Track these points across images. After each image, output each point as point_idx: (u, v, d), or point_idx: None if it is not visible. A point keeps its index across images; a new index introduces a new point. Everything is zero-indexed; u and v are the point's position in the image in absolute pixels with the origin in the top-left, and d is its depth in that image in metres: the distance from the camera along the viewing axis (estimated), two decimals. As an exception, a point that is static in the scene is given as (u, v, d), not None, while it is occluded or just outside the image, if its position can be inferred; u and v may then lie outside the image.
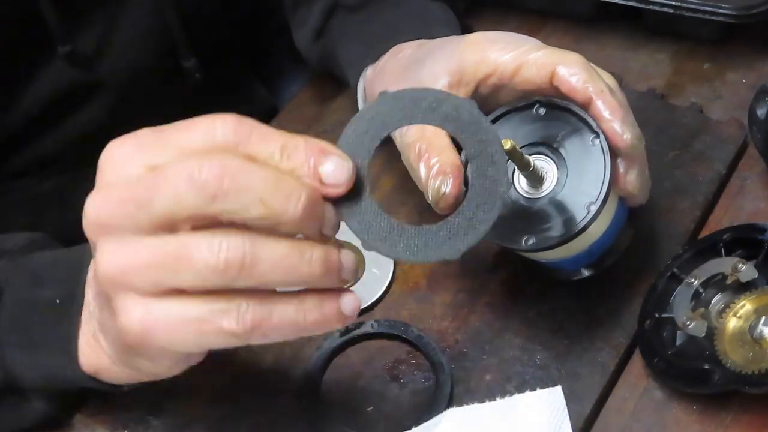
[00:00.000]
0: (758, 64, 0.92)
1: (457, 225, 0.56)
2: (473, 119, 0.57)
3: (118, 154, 0.56)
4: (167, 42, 0.90)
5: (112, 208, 0.54)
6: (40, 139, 0.89)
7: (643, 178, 0.70)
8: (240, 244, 0.52)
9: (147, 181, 0.53)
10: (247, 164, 0.52)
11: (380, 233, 0.56)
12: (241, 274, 0.52)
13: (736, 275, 0.71)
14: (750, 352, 0.67)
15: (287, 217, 0.53)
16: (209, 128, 0.54)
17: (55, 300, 0.65)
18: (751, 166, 0.84)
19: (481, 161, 0.56)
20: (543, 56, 0.69)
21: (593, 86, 0.68)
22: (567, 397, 0.68)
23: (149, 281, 0.53)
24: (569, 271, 0.75)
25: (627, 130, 0.67)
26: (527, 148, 0.70)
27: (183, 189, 0.52)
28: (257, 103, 1.06)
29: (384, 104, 0.57)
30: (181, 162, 0.52)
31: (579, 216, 0.67)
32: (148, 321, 0.54)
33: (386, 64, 0.80)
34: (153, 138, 0.55)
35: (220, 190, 0.52)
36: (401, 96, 0.57)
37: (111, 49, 0.87)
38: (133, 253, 0.53)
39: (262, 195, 0.52)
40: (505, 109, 0.71)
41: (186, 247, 0.52)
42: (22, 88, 0.85)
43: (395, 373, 0.75)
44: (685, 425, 0.70)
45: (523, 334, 0.76)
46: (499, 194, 0.56)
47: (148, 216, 0.53)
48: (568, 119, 0.69)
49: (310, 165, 0.54)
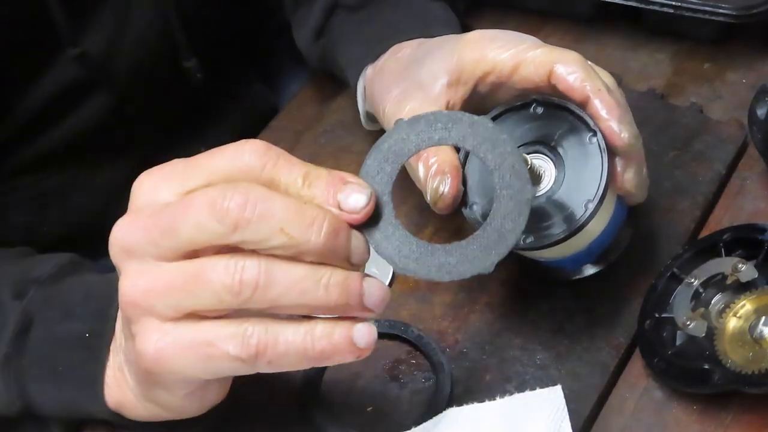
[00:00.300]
0: (758, 64, 0.92)
1: (486, 238, 0.57)
2: (489, 134, 0.58)
3: (147, 181, 0.56)
4: (168, 42, 0.90)
5: (137, 234, 0.55)
6: (41, 137, 0.89)
7: (640, 176, 0.70)
8: (255, 265, 0.53)
9: (172, 208, 0.54)
10: (269, 193, 0.53)
11: (411, 255, 0.56)
12: (256, 295, 0.53)
13: (736, 275, 0.71)
14: (750, 352, 0.67)
15: (309, 246, 0.53)
16: (237, 153, 0.54)
17: (85, 334, 0.65)
18: (751, 166, 0.84)
19: (502, 173, 0.57)
20: (541, 54, 0.69)
21: (591, 85, 0.68)
22: (567, 397, 0.68)
23: (169, 305, 0.54)
24: (569, 270, 0.75)
25: (624, 129, 0.67)
26: (525, 147, 0.70)
27: (205, 217, 0.52)
28: (258, 103, 1.06)
29: (400, 131, 0.58)
30: (205, 191, 0.53)
31: (577, 214, 0.67)
32: (162, 345, 0.55)
33: (385, 63, 0.80)
34: (183, 165, 0.56)
35: (242, 219, 0.52)
36: (416, 121, 0.58)
37: (117, 48, 0.87)
38: (154, 278, 0.54)
39: (283, 224, 0.53)
40: (503, 108, 0.72)
41: (203, 268, 0.53)
42: (27, 87, 0.85)
43: (395, 373, 0.75)
44: (685, 425, 0.70)
45: (523, 334, 0.76)
46: (524, 203, 0.56)
47: (172, 243, 0.54)
48: (566, 118, 0.69)
49: (329, 192, 0.54)
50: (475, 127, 0.58)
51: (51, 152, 0.90)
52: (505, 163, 0.57)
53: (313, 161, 0.89)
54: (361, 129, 0.89)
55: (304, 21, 0.91)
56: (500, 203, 0.57)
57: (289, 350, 0.54)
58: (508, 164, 0.57)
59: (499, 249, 0.56)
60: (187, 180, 0.55)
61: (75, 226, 0.95)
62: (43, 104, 0.86)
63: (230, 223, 0.52)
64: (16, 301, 0.67)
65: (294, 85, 1.06)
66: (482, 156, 0.58)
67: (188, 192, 0.55)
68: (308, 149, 0.91)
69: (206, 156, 0.56)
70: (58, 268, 0.69)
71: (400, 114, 0.74)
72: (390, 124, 0.75)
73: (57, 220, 0.94)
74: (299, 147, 0.91)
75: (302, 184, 0.55)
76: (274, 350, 0.54)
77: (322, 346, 0.55)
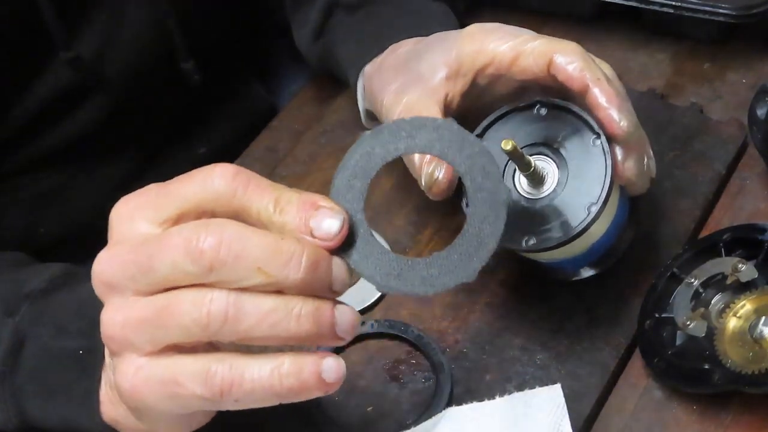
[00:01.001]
0: (758, 64, 0.92)
1: (466, 245, 0.55)
2: (456, 136, 0.56)
3: (124, 210, 0.56)
4: (166, 43, 0.90)
5: (116, 269, 0.54)
6: (38, 139, 0.89)
7: (641, 165, 0.70)
8: (224, 297, 0.52)
9: (149, 246, 0.53)
10: (244, 231, 0.52)
11: (392, 272, 0.55)
12: (225, 328, 0.52)
13: (736, 275, 0.71)
14: (750, 352, 0.67)
15: (288, 283, 0.52)
16: (207, 179, 0.54)
17: (78, 351, 0.64)
18: (751, 166, 0.84)
19: (474, 175, 0.55)
20: (540, 45, 0.69)
21: (590, 74, 0.67)
22: (567, 397, 0.68)
23: (144, 339, 0.54)
24: (569, 271, 0.75)
25: (624, 118, 0.67)
26: (528, 148, 0.70)
27: (181, 258, 0.52)
28: (256, 104, 1.06)
29: (364, 145, 0.56)
30: (180, 229, 0.53)
31: (580, 217, 0.67)
32: (136, 381, 0.54)
33: (384, 60, 0.80)
34: (156, 192, 0.55)
35: (216, 260, 0.51)
36: (379, 132, 0.56)
37: (111, 51, 0.87)
38: (130, 312, 0.54)
39: (260, 263, 0.52)
40: (506, 109, 0.71)
41: (173, 301, 0.53)
42: (22, 90, 0.85)
43: (395, 373, 0.75)
44: (685, 425, 0.70)
45: (523, 334, 0.76)
46: (500, 204, 0.55)
47: (149, 280, 0.53)
48: (569, 120, 0.69)
49: (301, 219, 0.53)
50: (441, 131, 0.56)
51: (49, 153, 0.90)
52: (476, 165, 0.55)
53: (313, 161, 0.90)
54: (361, 129, 0.89)
55: (303, 21, 0.91)
56: (476, 207, 0.55)
57: (255, 388, 0.53)
58: (479, 166, 0.55)
59: (480, 255, 0.54)
60: (161, 209, 0.54)
61: (73, 226, 0.95)
62: (40, 107, 0.86)
63: (205, 265, 0.51)
64: (9, 319, 0.66)
65: (294, 85, 1.06)
66: (450, 160, 0.56)
67: (163, 222, 0.54)
68: (308, 149, 0.91)
69: (178, 182, 0.55)
70: (49, 282, 0.68)
71: (399, 106, 0.73)
72: (388, 116, 0.75)
73: (55, 220, 0.94)
74: (299, 147, 0.91)
75: (273, 210, 0.53)
76: (239, 389, 0.53)
77: (289, 384, 0.53)
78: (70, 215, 0.94)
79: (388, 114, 0.75)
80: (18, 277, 0.70)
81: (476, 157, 0.55)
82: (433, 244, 0.82)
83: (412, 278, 0.55)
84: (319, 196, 0.54)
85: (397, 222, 0.84)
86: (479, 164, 0.55)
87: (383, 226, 0.84)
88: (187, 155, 1.00)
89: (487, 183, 0.55)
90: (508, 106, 0.71)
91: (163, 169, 0.98)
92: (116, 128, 0.91)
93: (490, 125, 0.71)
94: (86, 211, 0.94)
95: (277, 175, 0.89)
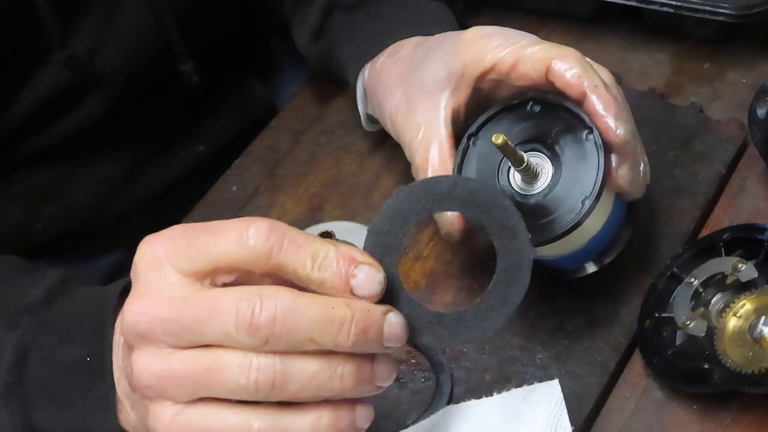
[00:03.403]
0: (758, 64, 0.92)
1: (493, 300, 0.58)
2: (489, 197, 0.58)
3: (150, 255, 0.55)
4: (163, 45, 0.89)
5: (154, 323, 0.54)
6: (36, 136, 0.89)
7: (635, 173, 0.70)
8: (271, 365, 0.53)
9: (194, 308, 0.53)
10: (297, 304, 0.53)
11: (423, 325, 0.57)
12: (272, 394, 0.53)
13: (736, 275, 0.71)
14: (750, 351, 0.67)
15: (339, 349, 0.53)
16: (241, 235, 0.54)
17: (86, 358, 0.64)
18: (751, 166, 0.84)
19: (503, 236, 0.58)
20: (539, 51, 0.69)
21: (588, 81, 0.68)
22: (567, 397, 0.68)
23: (183, 392, 0.54)
24: (568, 269, 0.75)
25: (620, 125, 0.68)
26: (522, 145, 0.70)
27: (233, 329, 0.52)
28: (256, 103, 1.06)
29: (399, 201, 0.58)
30: (230, 298, 0.53)
31: (574, 211, 0.68)
32: (173, 426, 0.55)
33: (383, 65, 0.80)
34: (185, 242, 0.55)
35: (272, 336, 0.52)
36: (412, 189, 0.58)
37: (107, 48, 0.87)
38: (168, 365, 0.54)
39: (312, 334, 0.53)
40: (499, 107, 0.72)
41: (218, 364, 0.53)
42: (20, 89, 0.85)
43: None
44: (685, 425, 0.70)
45: (523, 334, 0.76)
46: (526, 265, 0.57)
47: (191, 338, 0.53)
48: (562, 116, 0.70)
49: (341, 278, 0.54)
50: (475, 194, 0.58)
51: (45, 150, 0.90)
52: (506, 225, 0.58)
53: (313, 161, 0.90)
54: (361, 129, 0.89)
55: (302, 20, 0.91)
56: (503, 267, 0.58)
57: None
58: (509, 226, 0.58)
59: (506, 310, 0.58)
60: (193, 261, 0.54)
61: (71, 222, 0.95)
62: (37, 105, 0.86)
63: (261, 339, 0.52)
64: (11, 332, 0.65)
65: (294, 85, 1.06)
66: (483, 222, 0.58)
67: (195, 274, 0.54)
68: (308, 149, 0.91)
69: (210, 234, 0.54)
70: (48, 291, 0.68)
71: (411, 129, 0.74)
72: (400, 136, 0.76)
73: (51, 216, 0.94)
74: (299, 147, 0.91)
75: (311, 267, 0.54)
76: None
77: None
78: (67, 211, 0.94)
79: (399, 133, 0.76)
80: (17, 288, 0.69)
81: (507, 218, 0.58)
82: (433, 244, 0.82)
83: (441, 332, 0.57)
84: (356, 251, 0.55)
85: (397, 222, 0.84)
86: (509, 225, 0.58)
87: (383, 226, 0.84)
88: (186, 153, 1.00)
89: (515, 243, 0.58)
90: (501, 104, 0.72)
91: (162, 166, 0.98)
92: (114, 125, 0.91)
93: (484, 123, 0.72)
94: (84, 208, 0.94)
95: (277, 175, 0.89)
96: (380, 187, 0.87)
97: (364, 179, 0.88)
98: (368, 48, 0.83)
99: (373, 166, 0.89)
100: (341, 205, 0.86)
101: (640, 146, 0.71)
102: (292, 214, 0.86)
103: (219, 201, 0.88)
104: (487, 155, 0.71)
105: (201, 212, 0.87)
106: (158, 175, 0.98)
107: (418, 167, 0.73)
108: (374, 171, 0.88)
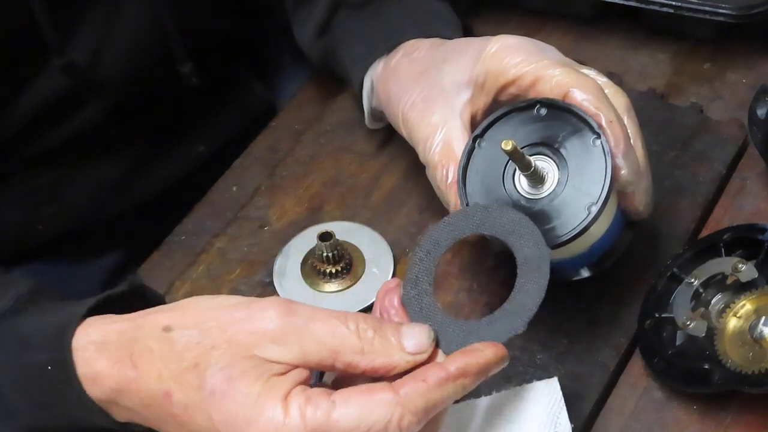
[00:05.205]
0: (758, 64, 0.92)
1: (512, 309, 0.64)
2: (515, 224, 0.65)
3: None
4: (163, 43, 0.89)
5: None
6: (36, 140, 0.89)
7: (648, 197, 0.72)
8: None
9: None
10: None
11: (457, 340, 0.63)
12: None
13: (736, 275, 0.71)
14: (750, 352, 0.67)
15: None
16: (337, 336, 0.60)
17: (47, 366, 0.63)
18: (751, 166, 0.84)
19: (528, 268, 0.63)
20: (560, 75, 0.71)
21: (604, 115, 0.69)
22: (567, 397, 0.68)
23: None
24: (569, 271, 0.75)
25: (626, 166, 0.69)
26: (528, 148, 0.70)
27: None
28: (255, 103, 1.06)
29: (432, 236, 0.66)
30: None
31: (580, 217, 0.67)
32: None
33: (399, 63, 0.80)
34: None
35: None
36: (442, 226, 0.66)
37: (106, 53, 0.87)
38: None
39: None
40: (506, 109, 0.71)
41: None
42: (20, 94, 0.85)
43: (395, 373, 0.74)
44: (685, 425, 0.70)
45: (523, 334, 0.75)
46: (543, 283, 0.63)
47: None
48: (569, 120, 0.69)
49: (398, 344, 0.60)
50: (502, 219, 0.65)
51: (45, 152, 0.90)
52: (533, 260, 0.63)
53: (313, 161, 0.90)
54: (362, 129, 0.89)
55: (306, 18, 0.91)
56: (522, 280, 0.63)
57: None
58: (535, 263, 0.63)
59: (523, 316, 0.63)
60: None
61: (70, 223, 0.95)
62: (37, 110, 0.86)
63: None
64: None
65: (293, 85, 1.06)
66: (510, 243, 0.64)
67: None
68: (308, 149, 0.91)
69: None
70: (15, 301, 0.67)
71: (424, 125, 0.75)
72: (415, 136, 0.76)
73: (52, 217, 0.94)
74: (299, 147, 0.91)
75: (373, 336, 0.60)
76: None
77: None
78: (68, 212, 0.94)
79: (412, 130, 0.77)
80: None
81: (538, 253, 0.63)
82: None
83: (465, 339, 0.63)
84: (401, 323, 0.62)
85: (397, 222, 0.84)
86: (536, 262, 0.63)
87: (384, 225, 0.84)
88: (186, 153, 1.00)
89: (536, 275, 0.63)
90: (508, 106, 0.71)
91: (162, 166, 0.98)
92: (114, 127, 0.91)
93: (490, 125, 0.71)
94: (84, 208, 0.94)
95: (277, 175, 0.89)
96: (380, 187, 0.87)
97: (364, 179, 0.88)
98: (375, 47, 0.83)
99: (373, 166, 0.89)
100: (341, 205, 0.86)
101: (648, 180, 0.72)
102: (292, 214, 0.86)
103: (219, 201, 0.88)
104: (493, 157, 0.71)
105: (201, 212, 0.87)
106: (158, 176, 0.98)
107: (435, 165, 0.74)
108: (374, 171, 0.88)
